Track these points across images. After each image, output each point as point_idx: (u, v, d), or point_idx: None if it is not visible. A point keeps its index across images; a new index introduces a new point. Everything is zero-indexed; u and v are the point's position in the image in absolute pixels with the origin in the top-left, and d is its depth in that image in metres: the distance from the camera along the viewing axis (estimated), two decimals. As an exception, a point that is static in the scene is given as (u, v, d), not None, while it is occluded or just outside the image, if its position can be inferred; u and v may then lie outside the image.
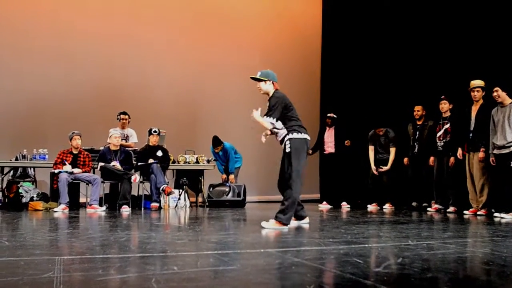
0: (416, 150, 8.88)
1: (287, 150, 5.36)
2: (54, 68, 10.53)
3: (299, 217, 5.68)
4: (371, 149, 9.34)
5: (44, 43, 10.51)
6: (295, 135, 5.36)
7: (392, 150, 9.14)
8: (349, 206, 9.31)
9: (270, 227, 5.28)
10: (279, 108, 5.35)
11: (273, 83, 5.56)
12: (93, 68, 10.80)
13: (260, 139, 5.70)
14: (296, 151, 5.33)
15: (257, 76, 5.59)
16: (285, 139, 5.40)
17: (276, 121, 5.37)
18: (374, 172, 9.24)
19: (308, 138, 5.48)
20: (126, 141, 9.47)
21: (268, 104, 5.45)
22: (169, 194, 8.55)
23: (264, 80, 5.55)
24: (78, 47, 10.71)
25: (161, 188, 8.44)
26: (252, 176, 11.23)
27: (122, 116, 9.46)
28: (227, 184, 9.72)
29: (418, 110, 8.93)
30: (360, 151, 9.57)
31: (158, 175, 8.49)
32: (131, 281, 2.54)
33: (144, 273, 2.70)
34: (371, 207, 9.06)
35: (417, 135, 8.88)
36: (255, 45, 12.30)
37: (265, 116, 5.34)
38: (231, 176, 9.96)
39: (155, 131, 8.95)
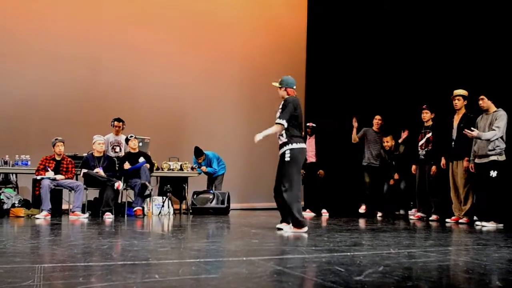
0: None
1: (287, 159, 5.65)
2: (37, 72, 10.43)
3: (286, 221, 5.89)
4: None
5: (28, 47, 10.41)
6: (294, 145, 5.67)
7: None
8: (327, 213, 9.36)
9: (290, 231, 5.61)
10: (288, 112, 5.68)
11: (287, 89, 5.91)
12: (77, 73, 10.71)
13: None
14: (294, 161, 5.65)
15: (277, 82, 5.97)
16: (285, 148, 5.69)
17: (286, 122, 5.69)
18: None
19: (305, 147, 5.87)
20: (120, 148, 9.45)
21: (281, 107, 5.81)
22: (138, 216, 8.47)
23: (280, 87, 5.92)
24: (62, 51, 10.61)
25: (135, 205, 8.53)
26: (236, 183, 11.22)
27: (116, 123, 9.44)
28: (211, 191, 9.70)
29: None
30: (341, 160, 9.65)
31: (143, 175, 8.49)
32: (112, 290, 2.53)
33: (125, 282, 2.69)
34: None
35: (393, 163, 9.05)
36: (241, 52, 12.32)
37: (278, 119, 5.68)
38: (203, 167, 9.99)
39: (131, 136, 8.92)
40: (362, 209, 9.17)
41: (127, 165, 8.61)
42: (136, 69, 11.26)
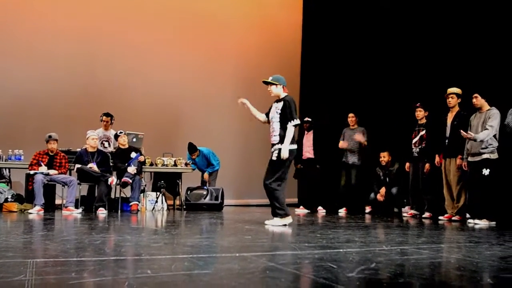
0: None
1: (274, 158, 5.88)
2: (34, 68, 10.39)
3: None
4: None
5: (26, 43, 10.36)
6: (289, 146, 5.84)
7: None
8: (324, 210, 9.35)
9: (276, 224, 5.88)
10: (294, 110, 5.94)
11: (283, 87, 6.07)
12: (74, 69, 10.67)
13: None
14: (284, 161, 5.85)
15: (269, 80, 6.07)
16: (277, 147, 5.90)
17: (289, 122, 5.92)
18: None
19: (296, 147, 6.03)
20: (109, 143, 9.41)
21: (281, 107, 5.98)
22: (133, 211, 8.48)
23: (276, 84, 6.04)
24: (60, 48, 10.57)
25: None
26: (230, 179, 11.23)
27: (104, 117, 9.40)
28: (205, 187, 9.70)
29: (384, 156, 9.15)
30: (338, 156, 9.65)
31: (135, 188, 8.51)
32: (104, 285, 2.53)
33: (117, 277, 2.69)
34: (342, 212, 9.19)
35: (387, 180, 9.07)
36: (236, 51, 12.32)
37: (290, 122, 5.88)
38: (206, 175, 9.97)
39: (120, 132, 8.90)
40: (342, 211, 9.20)
41: (131, 170, 8.54)
42: (132, 67, 11.22)
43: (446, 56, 8.90)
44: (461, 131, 6.87)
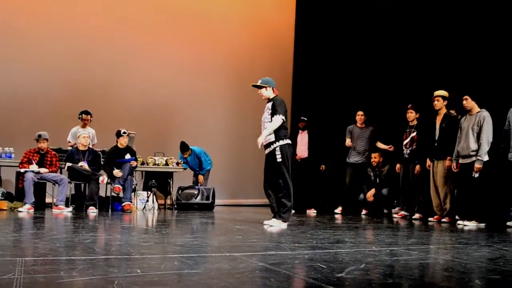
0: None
1: (278, 159, 5.90)
2: (22, 65, 10.31)
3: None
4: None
5: (14, 40, 10.30)
6: (281, 142, 5.93)
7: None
8: (315, 211, 9.31)
9: (274, 224, 5.90)
10: (283, 109, 5.99)
11: (272, 89, 6.13)
12: (63, 66, 10.61)
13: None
14: (285, 159, 5.92)
15: (259, 84, 6.14)
16: (274, 146, 5.94)
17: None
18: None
19: (290, 142, 6.10)
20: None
21: (270, 107, 6.02)
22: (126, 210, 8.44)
23: (265, 87, 6.10)
24: (50, 45, 10.52)
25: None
26: (222, 179, 11.22)
27: (83, 116, 9.29)
28: (196, 187, 9.69)
29: (376, 155, 9.12)
30: (331, 156, 9.66)
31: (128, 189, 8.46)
32: (93, 284, 2.52)
33: (106, 276, 2.68)
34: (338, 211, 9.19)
35: (378, 181, 9.07)
36: (229, 49, 12.29)
37: (275, 115, 5.90)
38: (200, 177, 9.96)
39: (124, 132, 8.83)
40: (338, 210, 9.21)
41: (118, 173, 8.47)
42: (123, 64, 11.18)
43: (437, 58, 8.94)
44: (474, 172, 6.87)
